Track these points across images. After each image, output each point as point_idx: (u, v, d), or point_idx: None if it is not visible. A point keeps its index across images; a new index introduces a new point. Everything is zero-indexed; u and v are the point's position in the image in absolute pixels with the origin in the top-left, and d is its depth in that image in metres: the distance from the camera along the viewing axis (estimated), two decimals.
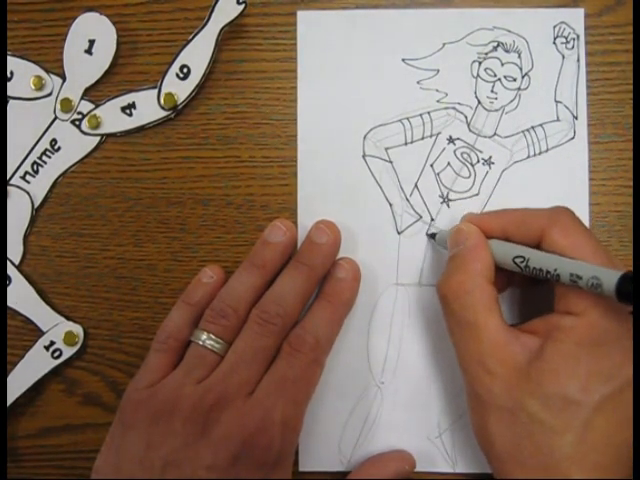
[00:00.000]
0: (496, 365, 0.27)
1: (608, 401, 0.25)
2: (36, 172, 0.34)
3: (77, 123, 0.34)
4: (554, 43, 0.33)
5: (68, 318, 0.34)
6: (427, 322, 0.33)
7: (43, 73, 0.34)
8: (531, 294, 0.32)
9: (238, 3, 0.32)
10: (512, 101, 0.33)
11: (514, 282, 0.31)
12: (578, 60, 0.33)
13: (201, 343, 0.30)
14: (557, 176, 0.33)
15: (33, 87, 0.33)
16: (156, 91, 0.33)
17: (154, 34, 0.34)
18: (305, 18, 0.33)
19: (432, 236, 0.33)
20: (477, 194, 0.33)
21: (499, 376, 0.27)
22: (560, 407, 0.26)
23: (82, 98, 0.34)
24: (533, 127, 0.33)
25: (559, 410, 0.26)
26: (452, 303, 0.28)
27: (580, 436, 0.25)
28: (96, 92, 0.34)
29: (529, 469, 0.26)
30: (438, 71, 0.33)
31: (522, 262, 0.27)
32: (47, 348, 0.33)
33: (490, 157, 0.33)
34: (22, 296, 0.34)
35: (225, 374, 0.29)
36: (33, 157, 0.34)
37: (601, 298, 0.25)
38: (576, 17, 0.33)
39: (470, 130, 0.33)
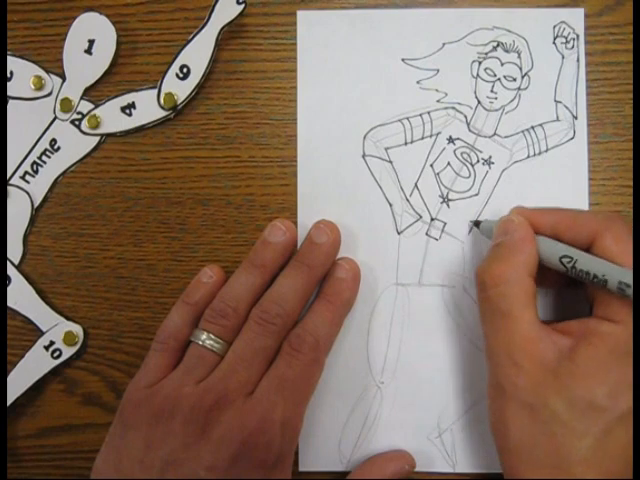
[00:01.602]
0: (524, 359, 0.27)
1: (631, 412, 0.25)
2: (36, 172, 0.34)
3: (77, 123, 0.34)
4: (554, 43, 0.33)
5: (68, 318, 0.34)
6: (427, 322, 0.33)
7: (43, 73, 0.34)
8: (564, 296, 0.32)
9: (238, 3, 0.32)
10: (512, 101, 0.33)
11: (550, 282, 0.31)
12: (578, 60, 0.33)
13: (201, 343, 0.30)
14: (557, 176, 0.33)
15: (33, 87, 0.33)
16: (156, 91, 0.33)
17: (154, 34, 0.34)
18: (305, 18, 0.33)
19: (476, 224, 0.32)
20: (477, 194, 0.33)
21: (526, 370, 0.27)
22: (584, 410, 0.26)
23: (82, 98, 0.34)
24: (533, 127, 0.33)
25: (583, 413, 0.26)
26: (489, 290, 0.28)
27: (599, 441, 0.25)
28: (96, 92, 0.34)
29: (541, 467, 0.26)
30: (438, 71, 0.33)
31: (569, 262, 0.27)
32: (47, 348, 0.33)
33: (490, 157, 0.33)
34: (22, 296, 0.34)
35: (225, 374, 0.29)
36: (33, 157, 0.34)
37: None
38: (576, 17, 0.33)
39: (470, 130, 0.33)
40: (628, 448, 0.26)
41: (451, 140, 0.33)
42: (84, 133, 0.34)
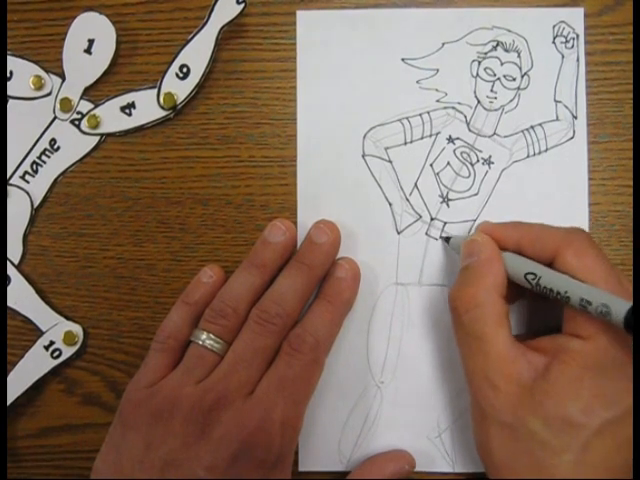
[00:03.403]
0: (501, 380, 0.27)
1: (608, 425, 0.25)
2: (35, 172, 0.34)
3: (76, 123, 0.34)
4: (554, 42, 0.33)
5: (68, 318, 0.34)
6: (427, 321, 0.33)
7: (42, 73, 0.34)
8: (541, 307, 0.32)
9: (237, 3, 0.32)
10: (511, 100, 0.33)
11: (525, 295, 0.31)
12: (578, 60, 0.33)
13: (201, 343, 0.30)
14: (556, 176, 0.33)
15: (32, 87, 0.33)
16: (156, 91, 0.33)
17: (154, 34, 0.34)
18: (305, 18, 0.33)
19: (446, 240, 0.32)
20: (476, 194, 0.33)
21: (503, 392, 0.27)
22: (560, 428, 0.26)
23: (81, 98, 0.34)
24: (532, 127, 0.33)
25: (559, 431, 0.26)
26: (462, 315, 0.28)
27: (578, 457, 0.25)
28: (95, 92, 0.34)
29: None
30: (438, 71, 0.33)
31: (533, 279, 0.27)
32: (47, 348, 0.33)
33: (490, 157, 0.33)
34: (22, 296, 0.33)
35: (225, 374, 0.29)
36: (32, 157, 0.34)
37: (609, 325, 0.25)
38: (576, 16, 0.33)
39: (470, 130, 0.33)
40: (609, 460, 0.26)
41: (451, 140, 0.33)
42: (84, 133, 0.34)
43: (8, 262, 0.34)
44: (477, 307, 0.28)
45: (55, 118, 0.34)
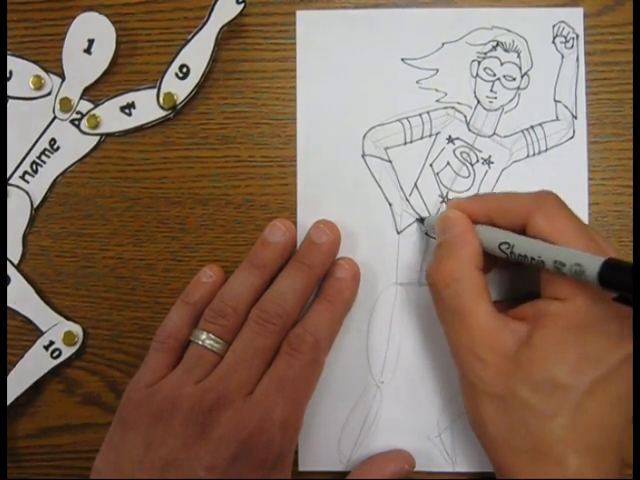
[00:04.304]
0: (486, 353, 0.27)
1: (597, 384, 0.26)
2: (35, 172, 0.34)
3: (76, 123, 0.34)
4: (553, 42, 0.33)
5: (67, 318, 0.34)
6: (427, 321, 0.33)
7: (42, 73, 0.34)
8: (517, 274, 0.32)
9: (237, 3, 0.32)
10: (511, 100, 0.33)
11: (500, 263, 0.31)
12: (577, 60, 0.33)
13: (200, 343, 0.30)
14: (556, 176, 0.33)
15: (32, 87, 0.33)
16: (155, 91, 0.33)
17: (153, 33, 0.34)
18: (304, 18, 0.33)
19: (421, 220, 0.33)
20: (477, 194, 0.33)
21: (489, 363, 0.27)
22: (550, 392, 0.26)
23: (81, 98, 0.34)
24: (532, 126, 0.33)
25: (549, 395, 0.26)
26: (442, 291, 0.28)
27: (571, 419, 0.26)
28: (95, 92, 0.34)
29: (522, 453, 0.26)
30: (437, 70, 0.33)
31: (507, 248, 0.27)
32: (46, 348, 0.33)
33: (489, 157, 0.33)
34: (21, 296, 0.33)
35: (225, 374, 0.29)
36: (32, 157, 0.34)
37: (586, 283, 0.25)
38: (575, 16, 0.33)
39: (469, 130, 0.33)
40: (603, 418, 0.26)
41: (450, 140, 0.33)
42: (83, 133, 0.34)
43: (8, 262, 0.34)
44: (456, 282, 0.28)
45: (55, 118, 0.34)
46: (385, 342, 0.33)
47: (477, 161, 0.33)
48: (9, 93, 0.34)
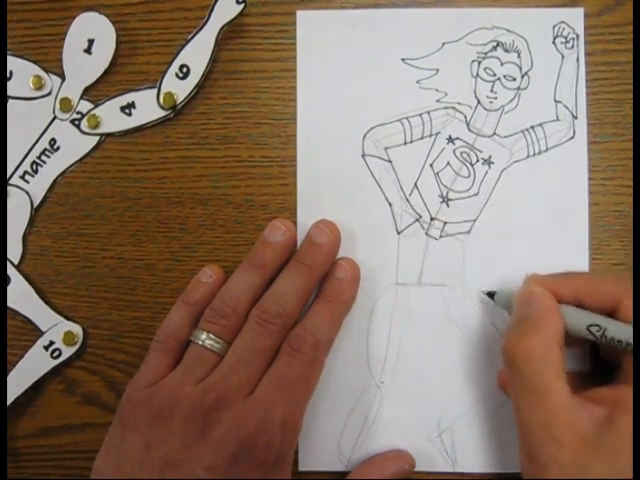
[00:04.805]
0: (564, 433, 0.26)
1: None
2: (35, 172, 0.34)
3: (76, 123, 0.34)
4: (554, 43, 0.33)
5: (67, 318, 0.34)
6: (427, 321, 0.33)
7: (42, 73, 0.34)
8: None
9: (237, 3, 0.32)
10: (511, 101, 0.33)
11: (575, 343, 0.30)
12: (577, 60, 0.33)
13: (200, 343, 0.30)
14: (556, 176, 0.33)
15: (32, 87, 0.33)
16: (155, 91, 0.33)
17: (153, 33, 0.34)
18: (304, 18, 0.33)
19: (490, 295, 0.32)
20: (476, 194, 0.33)
21: (566, 445, 0.26)
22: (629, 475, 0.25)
23: (81, 98, 0.34)
24: (532, 127, 0.33)
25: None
26: (521, 366, 0.27)
27: None
28: (95, 92, 0.34)
29: None
30: (437, 71, 0.33)
31: (598, 331, 0.27)
32: (46, 348, 0.33)
33: (489, 157, 0.33)
34: (21, 296, 0.33)
35: (225, 374, 0.29)
36: (32, 157, 0.34)
37: None
38: (576, 17, 0.33)
39: (469, 130, 0.33)
40: None
41: (451, 140, 0.33)
42: (84, 133, 0.34)
43: (8, 262, 0.34)
44: (538, 359, 0.27)
45: (55, 118, 0.34)
46: (385, 342, 0.33)
47: (477, 161, 0.33)
48: (9, 93, 0.34)
